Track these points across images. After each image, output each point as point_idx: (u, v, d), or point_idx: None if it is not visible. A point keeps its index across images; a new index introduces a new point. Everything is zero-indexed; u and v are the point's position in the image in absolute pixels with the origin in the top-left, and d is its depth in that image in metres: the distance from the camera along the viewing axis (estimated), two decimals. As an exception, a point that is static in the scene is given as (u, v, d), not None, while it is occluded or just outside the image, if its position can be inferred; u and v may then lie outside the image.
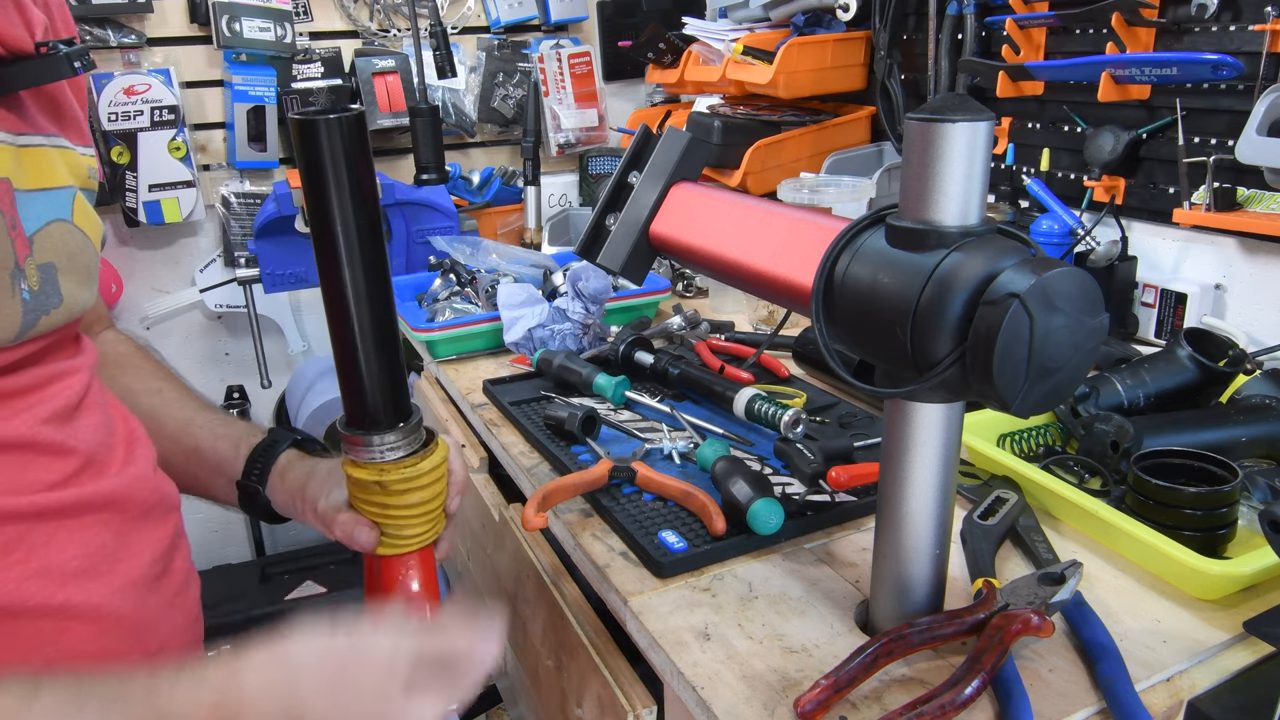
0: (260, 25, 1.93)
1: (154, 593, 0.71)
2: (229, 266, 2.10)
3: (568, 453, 1.11)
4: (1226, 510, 0.86)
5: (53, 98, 0.69)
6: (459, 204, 2.10)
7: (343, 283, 0.68)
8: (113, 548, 0.68)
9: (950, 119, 0.62)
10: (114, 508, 0.69)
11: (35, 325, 0.63)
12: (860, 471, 0.96)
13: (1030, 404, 0.62)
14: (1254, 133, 1.21)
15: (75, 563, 0.64)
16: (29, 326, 0.62)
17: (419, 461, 0.75)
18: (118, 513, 0.69)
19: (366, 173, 0.67)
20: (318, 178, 0.66)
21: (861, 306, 0.68)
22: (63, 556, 0.64)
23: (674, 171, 0.95)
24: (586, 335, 1.43)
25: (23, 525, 0.62)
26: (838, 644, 0.76)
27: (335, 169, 0.66)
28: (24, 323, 0.61)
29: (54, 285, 0.64)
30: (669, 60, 2.10)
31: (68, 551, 0.64)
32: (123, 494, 0.69)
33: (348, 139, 0.65)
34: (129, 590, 0.68)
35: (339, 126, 0.65)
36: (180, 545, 0.78)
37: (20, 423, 0.63)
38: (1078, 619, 0.76)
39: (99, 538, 0.67)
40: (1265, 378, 1.06)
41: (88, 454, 0.67)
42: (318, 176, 0.66)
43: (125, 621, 0.68)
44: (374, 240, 0.69)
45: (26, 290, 0.61)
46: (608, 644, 0.92)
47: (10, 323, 0.60)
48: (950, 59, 1.67)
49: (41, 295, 0.63)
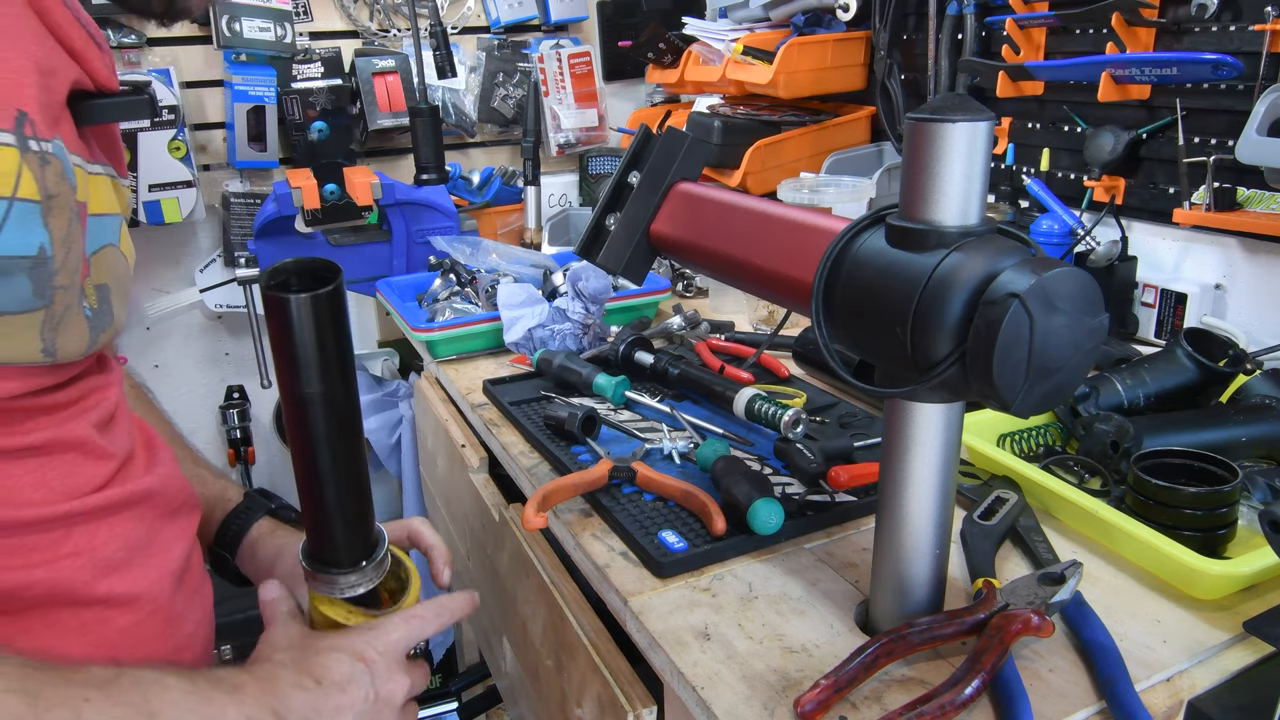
0: (260, 25, 1.93)
1: (181, 586, 0.75)
2: (229, 266, 2.10)
3: (568, 453, 1.11)
4: (1226, 510, 0.86)
5: (108, 132, 0.74)
6: (459, 204, 2.10)
7: (315, 448, 0.64)
8: (147, 540, 0.71)
9: (950, 119, 0.62)
10: (147, 503, 0.72)
11: (96, 342, 0.66)
12: (860, 471, 0.96)
13: (1030, 404, 0.62)
14: (1254, 133, 1.21)
15: (117, 555, 0.68)
16: (93, 343, 0.66)
17: (381, 609, 0.72)
18: (151, 508, 0.73)
19: (340, 348, 0.62)
20: (288, 351, 0.60)
21: (861, 306, 0.68)
22: (106, 550, 0.67)
23: (674, 171, 0.95)
24: (586, 335, 1.43)
25: (71, 524, 0.66)
26: (838, 644, 0.76)
27: (305, 347, 0.60)
28: (90, 339, 0.65)
29: (108, 305, 0.68)
30: (669, 60, 2.10)
31: (110, 545, 0.68)
32: (155, 489, 0.73)
33: (321, 316, 0.59)
34: (162, 581, 0.72)
35: (311, 306, 0.59)
36: (197, 545, 0.81)
37: (76, 426, 0.67)
38: (1078, 619, 0.76)
39: (135, 531, 0.70)
40: (1265, 378, 1.07)
41: (122, 458, 0.72)
42: (288, 350, 0.60)
43: (160, 612, 0.71)
44: (347, 402, 0.64)
45: (88, 308, 0.65)
46: (608, 644, 0.92)
47: (81, 337, 0.64)
48: (950, 59, 1.67)
49: (100, 314, 0.66)
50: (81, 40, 0.64)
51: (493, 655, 1.40)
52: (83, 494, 0.67)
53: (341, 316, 0.62)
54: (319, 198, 1.87)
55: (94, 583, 0.66)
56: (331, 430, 0.64)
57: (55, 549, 0.65)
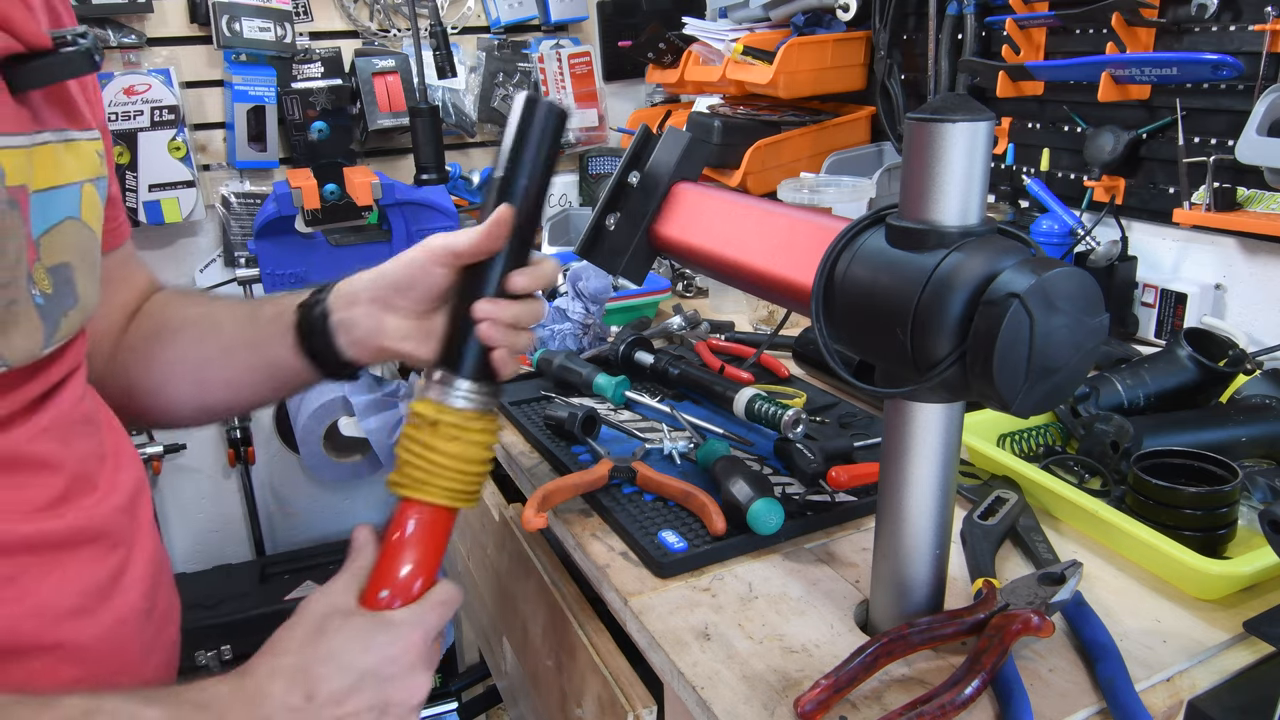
0: (260, 25, 1.93)
1: (142, 631, 0.69)
2: (229, 266, 2.10)
3: (568, 453, 1.11)
4: (1226, 510, 0.85)
5: (57, 90, 0.66)
6: (459, 204, 2.10)
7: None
8: (106, 584, 0.66)
9: (950, 119, 0.62)
10: (106, 539, 0.66)
11: (58, 330, 0.61)
12: (860, 471, 0.96)
13: (1030, 404, 0.62)
14: (1254, 133, 1.21)
15: (69, 600, 0.62)
16: (52, 333, 0.60)
17: (476, 419, 0.76)
18: (110, 545, 0.67)
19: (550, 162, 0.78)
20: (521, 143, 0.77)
21: (861, 306, 0.68)
22: (58, 595, 0.62)
23: (674, 171, 0.95)
24: (586, 335, 1.43)
25: (19, 559, 0.59)
26: (838, 644, 0.76)
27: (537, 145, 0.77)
28: (46, 331, 0.60)
29: (70, 286, 0.62)
30: (669, 60, 2.10)
31: (64, 589, 0.62)
32: (114, 522, 0.67)
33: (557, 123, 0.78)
34: (119, 628, 0.66)
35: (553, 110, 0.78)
36: (164, 573, 0.75)
37: (20, 435, 0.60)
38: (1078, 619, 0.76)
39: (94, 574, 0.65)
40: (1265, 378, 1.06)
41: (76, 470, 0.65)
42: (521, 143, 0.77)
43: (112, 661, 0.66)
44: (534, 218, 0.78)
45: (38, 295, 0.59)
46: (608, 644, 0.92)
47: (33, 333, 0.58)
48: (950, 59, 1.67)
49: (57, 298, 0.61)
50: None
51: (493, 655, 1.40)
52: (24, 514, 0.60)
53: (558, 138, 0.78)
54: (319, 198, 1.87)
55: (44, 630, 0.60)
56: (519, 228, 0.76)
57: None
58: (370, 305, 0.78)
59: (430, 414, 0.74)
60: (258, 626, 2.03)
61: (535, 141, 0.77)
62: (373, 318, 0.78)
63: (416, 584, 0.71)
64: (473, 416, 0.75)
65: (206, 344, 0.83)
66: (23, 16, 0.59)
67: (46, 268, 0.60)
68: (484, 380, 0.76)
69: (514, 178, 0.77)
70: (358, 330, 0.78)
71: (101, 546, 0.66)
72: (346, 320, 0.79)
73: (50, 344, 0.61)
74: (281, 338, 0.81)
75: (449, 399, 0.75)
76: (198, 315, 0.85)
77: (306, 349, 0.80)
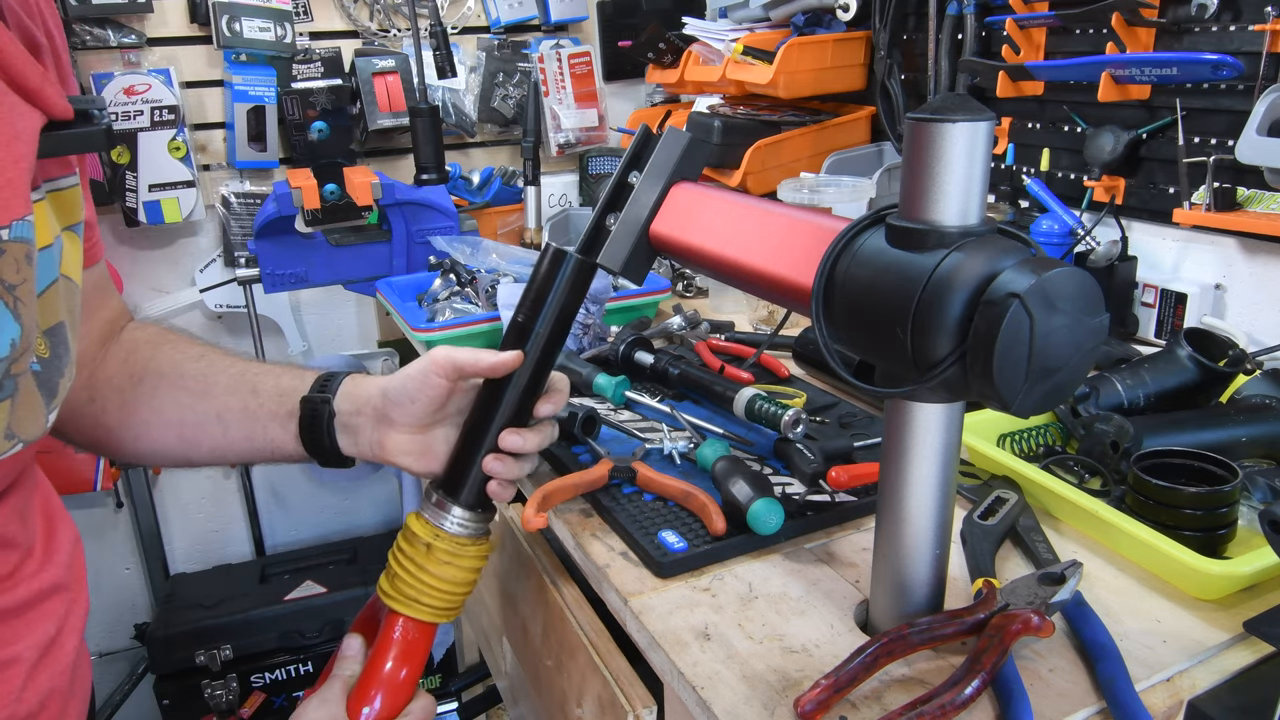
0: (260, 25, 1.93)
1: (75, 682, 0.69)
2: (229, 266, 2.10)
3: (568, 453, 1.11)
4: (1226, 510, 0.85)
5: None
6: (459, 204, 2.10)
7: (500, 397, 0.81)
8: (49, 643, 0.66)
9: (950, 119, 0.62)
10: (57, 596, 0.66)
11: (56, 395, 0.60)
12: (860, 471, 0.96)
13: (1030, 404, 0.62)
14: (1254, 133, 1.21)
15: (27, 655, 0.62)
16: (50, 397, 0.59)
17: (470, 544, 0.82)
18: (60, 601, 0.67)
19: (569, 314, 0.84)
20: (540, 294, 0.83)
21: (861, 306, 0.68)
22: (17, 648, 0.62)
23: (674, 171, 0.95)
24: (586, 335, 1.43)
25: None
26: (838, 644, 0.76)
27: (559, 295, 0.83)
28: (45, 406, 0.58)
29: (65, 345, 0.62)
30: (669, 60, 2.10)
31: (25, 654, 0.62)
32: (62, 580, 0.67)
33: (583, 277, 0.85)
34: (58, 679, 0.66)
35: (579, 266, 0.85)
36: (79, 620, 0.72)
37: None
38: (1078, 619, 0.76)
39: (48, 632, 0.65)
40: (1265, 378, 1.06)
41: (27, 546, 0.65)
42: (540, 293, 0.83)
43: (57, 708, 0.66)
44: (546, 365, 0.83)
45: (36, 364, 0.58)
46: (608, 644, 0.92)
47: (36, 409, 0.57)
48: (950, 59, 1.67)
49: (54, 361, 0.60)
50: (37, 77, 0.57)
51: (493, 655, 1.40)
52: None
53: (581, 293, 0.84)
54: (319, 198, 1.87)
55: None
56: (527, 373, 0.81)
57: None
58: (374, 417, 0.82)
59: (425, 536, 0.80)
60: (258, 626, 2.03)
61: (557, 293, 0.82)
62: (376, 430, 0.82)
63: (399, 700, 0.80)
64: (467, 543, 0.81)
65: (199, 406, 0.83)
66: (52, 90, 0.59)
67: (44, 331, 0.59)
68: (480, 509, 0.82)
69: (531, 325, 0.82)
70: (360, 437, 0.83)
71: (54, 602, 0.66)
72: (351, 426, 0.83)
73: (51, 419, 0.60)
74: (281, 423, 0.83)
75: (445, 524, 0.80)
76: (193, 371, 0.84)
77: (307, 441, 0.83)
